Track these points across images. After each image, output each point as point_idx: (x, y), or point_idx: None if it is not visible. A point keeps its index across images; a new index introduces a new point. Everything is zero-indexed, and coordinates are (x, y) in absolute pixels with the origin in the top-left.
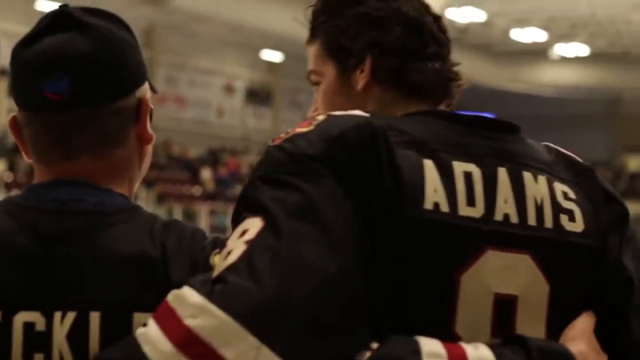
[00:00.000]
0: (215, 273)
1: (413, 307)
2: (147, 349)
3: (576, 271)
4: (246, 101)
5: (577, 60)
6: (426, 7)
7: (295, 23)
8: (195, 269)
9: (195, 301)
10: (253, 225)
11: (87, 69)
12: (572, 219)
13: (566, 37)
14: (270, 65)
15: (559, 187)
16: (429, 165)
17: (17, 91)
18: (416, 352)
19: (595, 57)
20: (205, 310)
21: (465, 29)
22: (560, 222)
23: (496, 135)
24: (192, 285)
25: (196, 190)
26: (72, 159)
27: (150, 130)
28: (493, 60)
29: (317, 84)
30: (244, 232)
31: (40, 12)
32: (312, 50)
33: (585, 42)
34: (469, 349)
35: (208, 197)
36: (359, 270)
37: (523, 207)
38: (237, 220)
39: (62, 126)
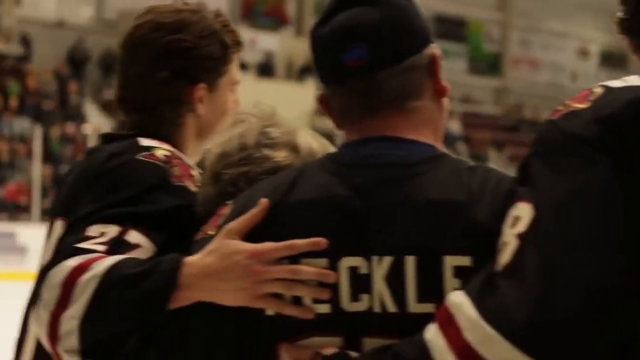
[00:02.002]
0: (494, 270)
1: None
2: (435, 355)
3: None
4: (601, 65)
5: None
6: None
7: None
8: (499, 213)
9: (469, 315)
10: (524, 213)
11: (380, 36)
12: None
13: None
14: None
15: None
16: None
17: (319, 67)
18: None
19: None
20: (478, 327)
21: None
22: None
23: None
24: (469, 293)
25: None
26: (374, 117)
27: (444, 83)
28: None
29: None
30: (516, 220)
31: None
32: None
33: None
34: None
35: None
36: (625, 268)
37: None
38: (521, 180)
39: (363, 89)
